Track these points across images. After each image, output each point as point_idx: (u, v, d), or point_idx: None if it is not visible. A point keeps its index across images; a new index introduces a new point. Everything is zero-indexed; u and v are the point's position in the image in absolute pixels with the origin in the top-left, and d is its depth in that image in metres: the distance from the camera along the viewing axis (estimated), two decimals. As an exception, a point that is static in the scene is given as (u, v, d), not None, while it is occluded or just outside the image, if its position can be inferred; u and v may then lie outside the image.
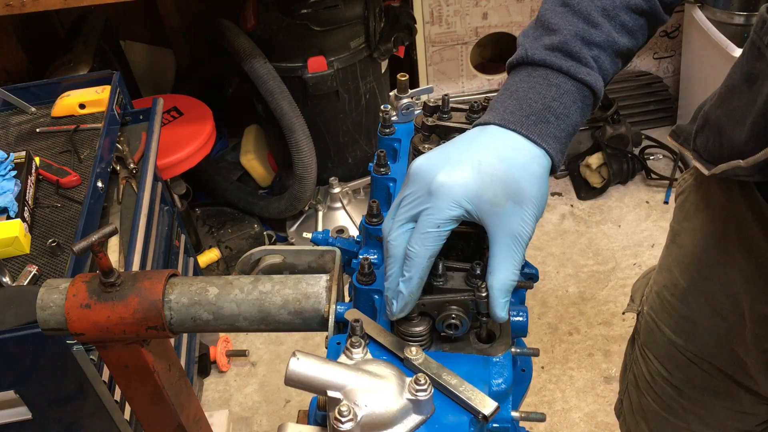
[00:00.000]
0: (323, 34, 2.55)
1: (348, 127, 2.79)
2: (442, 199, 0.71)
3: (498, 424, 0.78)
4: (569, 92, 0.76)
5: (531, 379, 0.96)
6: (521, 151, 0.74)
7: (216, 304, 0.82)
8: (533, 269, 1.00)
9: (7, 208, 1.57)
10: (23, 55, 2.74)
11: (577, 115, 0.77)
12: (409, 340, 0.77)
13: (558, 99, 0.75)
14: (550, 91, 0.76)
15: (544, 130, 0.75)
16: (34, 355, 1.37)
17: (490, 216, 0.72)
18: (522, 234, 0.72)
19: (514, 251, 0.72)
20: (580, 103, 0.77)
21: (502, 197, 0.71)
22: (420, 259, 0.72)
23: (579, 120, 0.78)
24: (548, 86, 0.76)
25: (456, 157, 0.73)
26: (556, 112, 0.75)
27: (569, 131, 0.77)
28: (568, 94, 0.76)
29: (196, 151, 2.43)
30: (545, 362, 2.38)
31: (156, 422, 0.95)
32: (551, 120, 0.75)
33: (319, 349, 1.94)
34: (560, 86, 0.76)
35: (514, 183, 0.72)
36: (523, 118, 0.75)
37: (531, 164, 0.73)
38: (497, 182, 0.71)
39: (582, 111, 0.78)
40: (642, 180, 3.05)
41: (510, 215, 0.72)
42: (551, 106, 0.75)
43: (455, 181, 0.71)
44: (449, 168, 0.72)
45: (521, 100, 0.76)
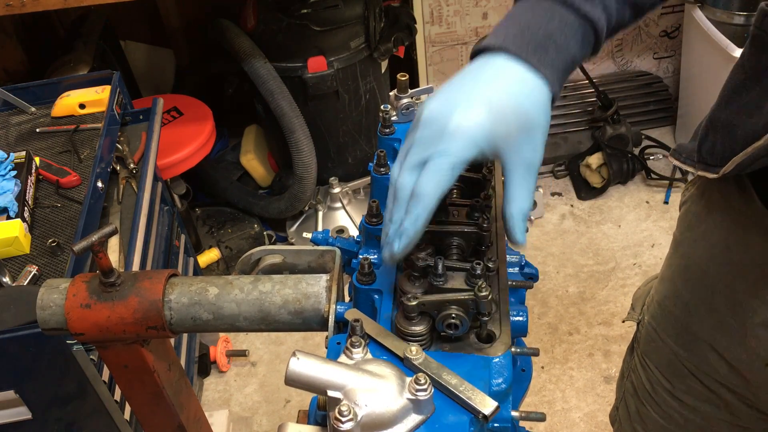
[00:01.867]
0: (323, 34, 2.55)
1: (348, 127, 2.79)
2: (458, 141, 0.72)
3: (498, 424, 0.78)
4: (571, 24, 0.77)
5: (531, 379, 0.96)
6: (525, 81, 0.75)
7: (216, 304, 0.82)
8: (533, 269, 1.00)
9: (7, 208, 1.57)
10: (23, 55, 2.74)
11: (576, 48, 0.78)
12: (409, 339, 0.77)
13: (559, 30, 0.77)
14: (553, 21, 0.77)
15: (543, 58, 0.75)
16: (34, 355, 1.37)
17: (504, 150, 0.74)
18: (534, 161, 0.75)
19: (529, 178, 0.75)
20: (580, 37, 0.78)
21: (514, 130, 0.73)
22: (429, 198, 0.73)
23: (578, 54, 0.79)
24: (551, 17, 0.77)
25: (466, 97, 0.74)
26: (556, 42, 0.76)
27: (567, 63, 0.78)
28: (569, 26, 0.77)
29: (196, 151, 2.43)
30: (545, 362, 2.38)
31: (156, 422, 0.95)
32: (551, 49, 0.76)
33: (319, 349, 1.94)
34: (563, 18, 0.77)
35: (523, 114, 0.74)
36: (523, 44, 0.76)
37: (535, 93, 0.75)
38: (509, 117, 0.73)
39: (581, 46, 0.79)
40: (642, 180, 3.05)
41: (522, 145, 0.74)
42: (552, 35, 0.76)
43: (470, 123, 0.72)
44: (463, 110, 0.73)
45: (523, 27, 0.77)
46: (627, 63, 3.28)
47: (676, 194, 2.96)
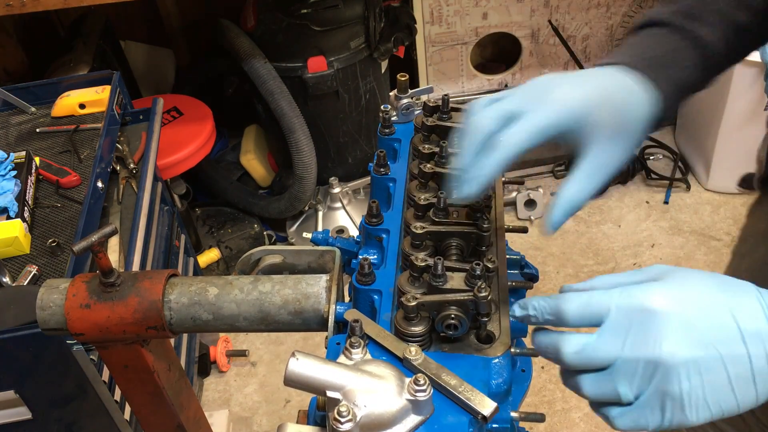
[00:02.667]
0: (323, 34, 2.55)
1: (348, 127, 2.79)
2: (556, 108, 0.72)
3: (497, 425, 0.78)
4: (685, 48, 0.79)
5: (531, 379, 0.96)
6: (642, 90, 0.75)
7: (216, 304, 0.82)
8: (533, 269, 1.00)
9: (7, 208, 1.57)
10: (23, 55, 2.74)
11: (692, 72, 0.80)
12: (409, 340, 0.77)
13: (675, 52, 0.79)
14: (669, 45, 0.79)
15: (659, 72, 0.77)
16: (34, 355, 1.37)
17: (592, 140, 0.73)
18: (611, 166, 0.74)
19: (597, 178, 0.74)
20: (696, 60, 0.80)
21: (610, 127, 0.73)
22: (510, 150, 0.72)
23: (695, 76, 0.80)
24: (667, 42, 0.80)
25: (581, 79, 0.76)
26: (672, 62, 0.78)
27: (683, 83, 0.79)
28: (684, 50, 0.79)
29: (196, 151, 2.43)
30: (545, 362, 2.37)
31: (156, 422, 0.95)
32: (667, 65, 0.78)
33: (319, 349, 1.94)
34: (677, 43, 0.79)
35: (628, 116, 0.74)
36: (640, 60, 0.77)
37: (647, 104, 0.75)
38: (615, 110, 0.73)
39: (698, 69, 0.80)
40: (642, 180, 3.05)
41: (611, 145, 0.74)
42: (667, 56, 0.79)
43: (575, 96, 0.73)
44: (573, 85, 0.74)
45: (639, 51, 0.79)
46: (627, 63, 3.27)
47: (675, 194, 2.96)
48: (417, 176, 0.93)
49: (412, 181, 0.95)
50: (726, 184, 2.92)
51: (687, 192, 2.97)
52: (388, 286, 0.85)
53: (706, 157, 2.92)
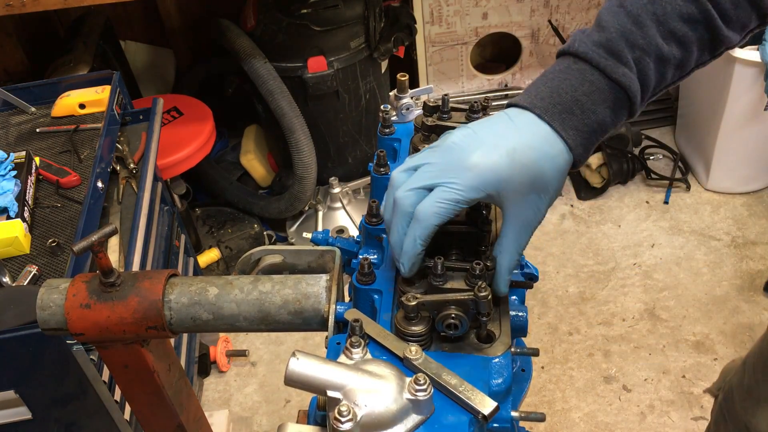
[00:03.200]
0: (323, 34, 2.55)
1: (348, 127, 2.79)
2: (470, 179, 0.74)
3: (498, 424, 0.78)
4: (601, 90, 0.77)
5: (531, 379, 0.96)
6: (551, 143, 0.76)
7: (216, 304, 0.82)
8: (533, 269, 1.00)
9: (7, 208, 1.57)
10: (23, 55, 2.74)
11: (606, 114, 0.78)
12: (409, 340, 0.77)
13: (588, 95, 0.77)
14: (583, 86, 0.77)
15: (566, 121, 0.76)
16: (34, 355, 1.37)
17: (510, 202, 0.76)
18: (534, 222, 0.77)
19: (524, 236, 0.78)
20: (611, 103, 0.78)
21: (528, 186, 0.75)
22: (428, 224, 0.75)
23: (608, 119, 0.78)
24: (582, 81, 0.77)
25: (492, 141, 0.76)
26: (583, 107, 0.77)
27: (594, 128, 0.78)
28: (599, 92, 0.77)
29: (196, 151, 2.43)
30: (545, 362, 2.38)
31: (156, 422, 0.95)
32: (576, 113, 0.77)
33: (319, 349, 1.94)
34: (593, 83, 0.77)
35: (540, 174, 0.75)
36: (550, 106, 0.77)
37: (558, 158, 0.76)
38: (526, 172, 0.74)
39: (613, 111, 0.78)
40: (642, 180, 3.05)
41: (529, 203, 0.76)
42: (580, 100, 0.77)
43: (488, 166, 0.74)
44: (486, 150, 0.75)
45: (554, 89, 0.78)
46: (627, 63, 3.27)
47: (676, 194, 2.96)
48: (417, 176, 0.93)
49: (412, 181, 0.95)
50: (726, 184, 2.93)
51: (687, 192, 2.97)
52: (388, 286, 0.85)
53: (706, 157, 2.92)
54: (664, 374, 2.30)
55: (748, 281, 2.57)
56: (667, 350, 2.37)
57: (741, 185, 2.92)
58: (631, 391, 2.27)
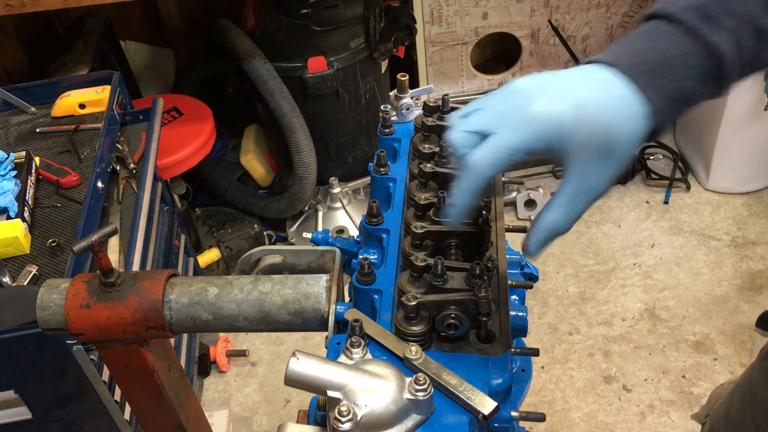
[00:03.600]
0: (323, 34, 2.55)
1: (348, 127, 2.79)
2: (531, 127, 0.68)
3: (498, 424, 0.78)
4: (693, 55, 0.68)
5: (531, 379, 0.96)
6: (628, 104, 0.68)
7: (216, 304, 0.82)
8: (533, 269, 1.00)
9: (7, 208, 1.57)
10: (23, 55, 2.74)
11: (694, 81, 0.69)
12: (409, 339, 0.77)
13: (678, 57, 0.69)
14: (673, 48, 0.69)
15: (653, 82, 0.68)
16: (34, 355, 1.37)
17: (573, 160, 0.69)
18: (596, 188, 0.70)
19: (581, 201, 0.71)
20: (701, 69, 0.69)
21: (594, 147, 0.68)
22: (480, 175, 0.69)
23: (697, 88, 0.70)
24: (672, 43, 0.69)
25: (561, 89, 0.70)
26: (673, 69, 0.69)
27: (681, 95, 0.69)
28: (691, 56, 0.68)
29: (196, 151, 2.43)
30: (545, 362, 2.38)
31: (156, 422, 0.95)
32: (665, 74, 0.69)
33: (319, 349, 1.94)
34: (685, 45, 0.69)
35: (610, 137, 0.68)
36: (635, 64, 0.69)
37: (633, 122, 0.68)
38: (595, 131, 0.67)
39: (702, 79, 0.69)
40: (642, 180, 3.05)
41: (593, 166, 0.69)
42: (668, 61, 0.69)
43: (552, 115, 0.68)
44: (553, 97, 0.69)
45: (641, 48, 0.71)
46: (627, 63, 3.27)
47: (675, 194, 2.96)
48: (417, 176, 0.93)
49: (412, 180, 0.95)
50: (726, 184, 2.92)
51: (687, 192, 2.97)
52: (389, 286, 0.85)
53: (706, 157, 2.92)
54: (664, 374, 2.30)
55: (748, 281, 2.57)
56: (667, 350, 2.37)
57: (741, 185, 2.92)
58: (631, 391, 2.27)
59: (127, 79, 2.82)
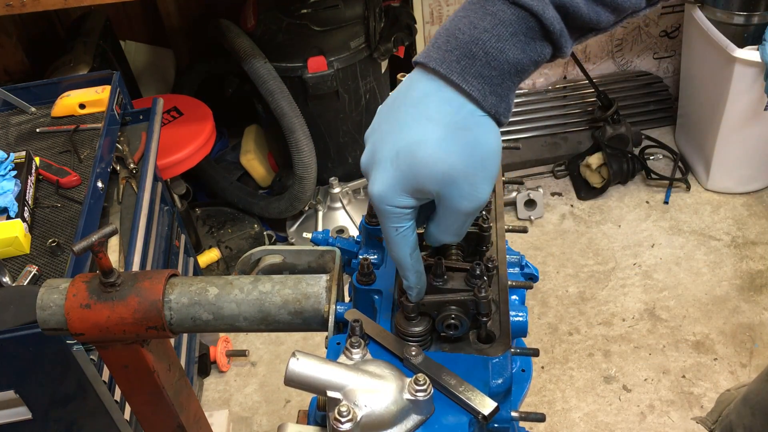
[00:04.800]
0: (323, 34, 2.55)
1: (348, 127, 2.79)
2: (380, 208, 0.69)
3: (498, 424, 0.78)
4: (506, 22, 0.62)
5: (531, 379, 0.96)
6: (447, 113, 0.64)
7: (216, 304, 0.82)
8: (533, 269, 1.00)
9: (7, 208, 1.57)
10: (23, 55, 2.74)
11: (518, 50, 0.63)
12: (409, 340, 0.77)
13: (490, 30, 0.63)
14: (484, 20, 0.63)
15: (467, 68, 0.63)
16: (34, 355, 1.37)
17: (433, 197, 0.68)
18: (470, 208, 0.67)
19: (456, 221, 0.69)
20: (522, 36, 0.63)
21: (432, 186, 0.66)
22: (404, 261, 0.72)
23: (521, 58, 0.64)
24: (483, 15, 0.63)
25: (379, 150, 0.67)
26: (485, 47, 0.62)
27: (504, 69, 0.63)
28: (504, 24, 0.62)
29: (196, 151, 2.43)
30: (545, 362, 2.38)
31: (156, 422, 0.95)
32: (479, 55, 0.63)
33: (319, 349, 1.94)
34: (496, 14, 0.63)
35: (438, 172, 0.64)
36: (446, 53, 0.64)
37: (459, 138, 0.64)
38: (418, 173, 0.65)
39: (525, 46, 0.63)
40: (642, 180, 3.05)
41: (447, 195, 0.66)
42: (480, 38, 0.63)
43: (382, 189, 0.67)
44: (374, 173, 0.68)
45: (450, 32, 0.65)
46: (627, 63, 3.28)
47: (676, 194, 2.96)
48: (417, 176, 0.93)
49: (412, 181, 0.95)
50: (726, 184, 2.92)
51: (687, 192, 2.97)
52: (388, 286, 0.85)
53: (706, 157, 2.92)
54: (664, 374, 2.30)
55: (748, 281, 2.57)
56: (667, 350, 2.37)
57: (741, 185, 2.92)
58: (631, 391, 2.27)
59: (127, 79, 2.82)
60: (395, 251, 0.71)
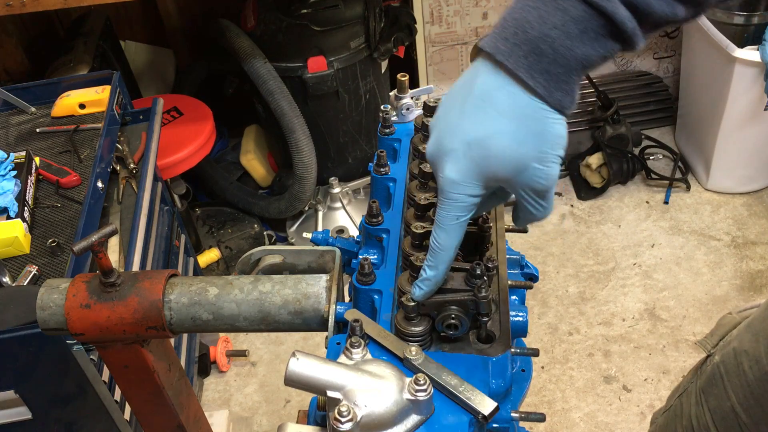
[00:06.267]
0: (323, 34, 2.55)
1: (348, 127, 2.79)
2: (450, 196, 0.71)
3: (498, 424, 0.78)
4: (577, 19, 0.62)
5: (531, 379, 0.96)
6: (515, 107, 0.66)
7: (216, 304, 0.82)
8: (533, 269, 1.00)
9: (7, 208, 1.57)
10: (23, 55, 2.74)
11: (586, 47, 0.63)
12: (409, 340, 0.77)
13: (560, 27, 0.62)
14: (554, 15, 0.63)
15: (534, 64, 0.64)
16: (34, 355, 1.37)
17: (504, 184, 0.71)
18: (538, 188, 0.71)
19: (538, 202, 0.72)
20: (592, 33, 0.63)
21: (505, 174, 0.69)
22: (445, 252, 0.73)
23: (590, 54, 0.64)
24: (554, 9, 0.63)
25: (449, 140, 0.70)
26: (554, 44, 0.63)
27: (571, 66, 0.64)
28: (574, 21, 0.62)
29: (196, 151, 2.43)
30: (545, 362, 2.38)
31: (156, 422, 0.95)
32: (547, 52, 0.63)
33: (319, 349, 1.94)
34: (567, 10, 0.62)
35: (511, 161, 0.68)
36: (514, 47, 0.64)
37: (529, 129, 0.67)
38: (492, 164, 0.68)
39: (595, 43, 0.64)
40: (642, 180, 3.05)
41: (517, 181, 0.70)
42: (550, 35, 0.63)
43: (455, 177, 0.70)
44: (446, 161, 0.70)
45: (519, 24, 0.64)
46: (627, 63, 3.28)
47: (676, 194, 2.96)
48: (417, 176, 0.93)
49: (412, 181, 0.95)
50: (726, 184, 2.92)
51: (687, 192, 2.97)
52: (388, 286, 0.85)
53: (706, 157, 2.92)
54: (664, 374, 2.30)
55: (748, 281, 2.57)
56: (667, 350, 2.37)
57: (741, 185, 2.92)
58: (631, 391, 2.27)
59: (127, 79, 2.82)
60: (445, 240, 0.73)
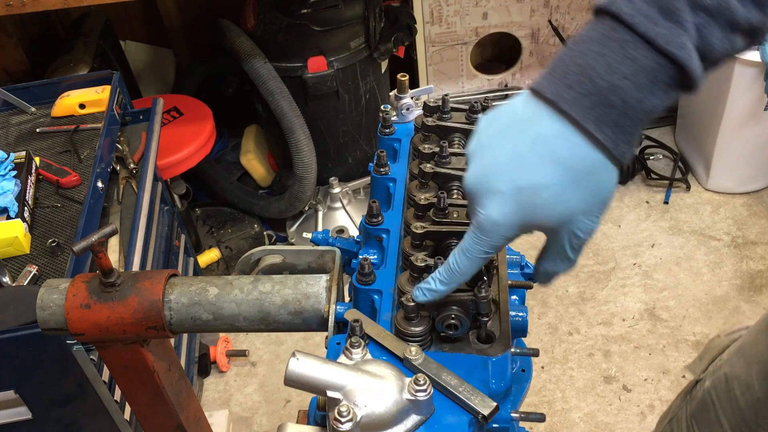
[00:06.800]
0: (323, 34, 2.55)
1: (348, 127, 2.79)
2: (487, 234, 0.69)
3: (498, 424, 0.78)
4: (648, 70, 0.59)
5: (531, 379, 0.96)
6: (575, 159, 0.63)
7: (216, 304, 0.82)
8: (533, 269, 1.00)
9: (7, 208, 1.57)
10: (23, 55, 2.74)
11: (655, 99, 0.61)
12: (409, 340, 0.77)
13: (631, 78, 0.59)
14: (623, 64, 0.59)
15: (602, 117, 0.60)
16: (34, 355, 1.37)
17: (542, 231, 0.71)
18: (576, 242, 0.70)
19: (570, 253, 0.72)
20: (663, 84, 0.60)
21: (549, 224, 0.68)
22: (461, 276, 0.73)
23: (657, 105, 0.61)
24: (622, 58, 0.59)
25: (498, 181, 0.66)
26: (624, 96, 0.60)
27: (638, 118, 0.61)
28: (645, 72, 0.59)
29: (196, 151, 2.43)
30: (545, 362, 2.38)
31: (156, 422, 0.95)
32: (616, 104, 0.60)
33: (319, 349, 1.94)
34: (637, 60, 0.59)
35: (558, 213, 0.66)
36: (580, 96, 0.61)
37: (583, 183, 0.64)
38: (538, 213, 0.66)
39: (664, 94, 0.61)
40: (642, 180, 3.05)
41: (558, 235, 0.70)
42: (620, 86, 0.60)
43: (500, 221, 0.67)
44: (490, 199, 0.67)
45: (584, 72, 0.61)
46: (627, 63, 3.27)
47: (676, 194, 2.96)
48: (417, 176, 0.93)
49: (412, 181, 0.95)
50: (726, 184, 2.92)
51: (687, 192, 2.97)
52: (388, 286, 0.85)
53: (706, 157, 2.92)
54: (664, 374, 2.30)
55: (748, 281, 2.57)
56: (667, 350, 2.37)
57: (741, 185, 2.92)
58: (631, 391, 2.27)
59: (127, 79, 2.82)
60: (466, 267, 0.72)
